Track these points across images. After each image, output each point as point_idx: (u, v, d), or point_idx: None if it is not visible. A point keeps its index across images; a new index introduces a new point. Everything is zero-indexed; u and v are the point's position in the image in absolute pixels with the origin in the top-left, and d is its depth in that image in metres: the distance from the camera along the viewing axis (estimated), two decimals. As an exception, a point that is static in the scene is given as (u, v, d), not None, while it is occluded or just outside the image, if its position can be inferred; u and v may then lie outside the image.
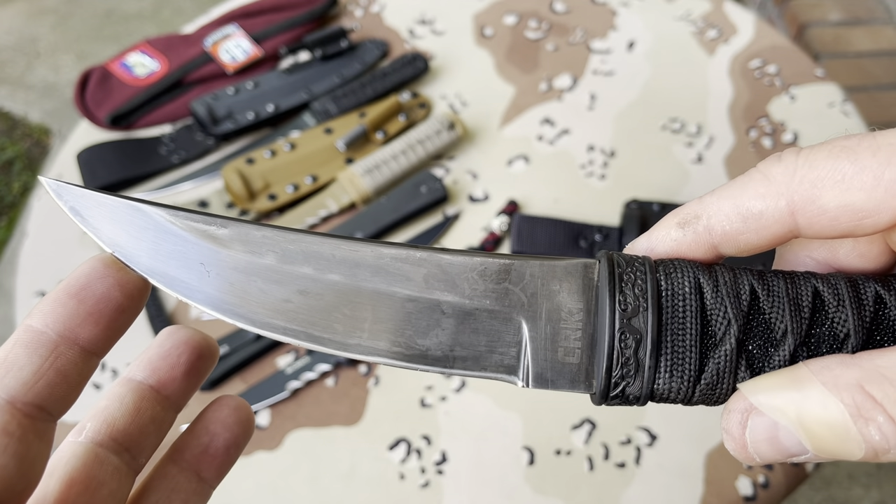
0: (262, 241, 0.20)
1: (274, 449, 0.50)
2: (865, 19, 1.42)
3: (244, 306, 0.20)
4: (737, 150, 0.65)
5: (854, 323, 0.19)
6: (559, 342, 0.19)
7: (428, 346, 0.20)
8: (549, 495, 0.47)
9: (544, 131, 0.67)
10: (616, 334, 0.19)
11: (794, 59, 0.72)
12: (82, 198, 0.20)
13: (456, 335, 0.20)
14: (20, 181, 1.55)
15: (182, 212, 0.20)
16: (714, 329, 0.19)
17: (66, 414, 0.19)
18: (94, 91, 0.69)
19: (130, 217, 0.20)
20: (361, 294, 0.20)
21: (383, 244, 0.20)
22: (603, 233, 0.58)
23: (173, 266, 0.20)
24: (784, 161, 0.19)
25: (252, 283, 0.20)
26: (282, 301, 0.20)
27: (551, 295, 0.20)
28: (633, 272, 0.19)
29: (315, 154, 0.63)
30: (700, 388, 0.19)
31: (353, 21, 0.77)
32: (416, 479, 0.48)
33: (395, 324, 0.20)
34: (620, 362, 0.19)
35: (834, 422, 0.17)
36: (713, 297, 0.19)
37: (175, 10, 1.85)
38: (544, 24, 0.75)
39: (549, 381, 0.20)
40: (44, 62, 1.76)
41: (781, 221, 0.19)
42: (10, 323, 1.30)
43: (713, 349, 0.19)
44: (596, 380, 0.19)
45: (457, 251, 0.20)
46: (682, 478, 0.47)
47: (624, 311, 0.19)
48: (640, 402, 0.19)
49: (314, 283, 0.20)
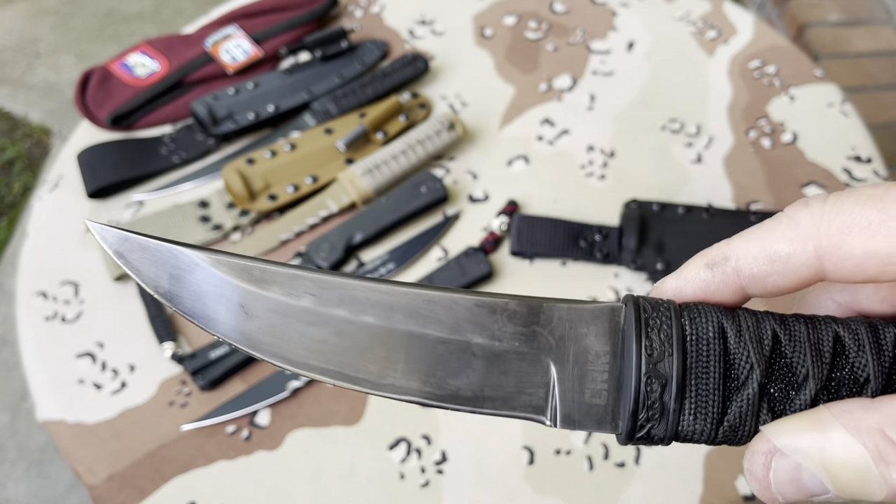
0: (299, 285, 0.21)
1: (274, 449, 0.50)
2: (865, 20, 1.42)
3: (283, 347, 0.20)
4: (736, 150, 0.65)
5: (874, 367, 0.19)
6: (586, 384, 0.20)
7: (459, 386, 0.20)
8: (549, 495, 0.47)
9: (544, 131, 0.67)
10: (642, 378, 0.19)
11: (794, 60, 0.72)
12: (126, 241, 0.21)
13: (486, 376, 0.20)
14: (21, 181, 1.55)
15: (223, 255, 0.21)
16: (737, 373, 0.19)
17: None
18: (94, 91, 0.69)
19: (173, 260, 0.21)
20: (395, 336, 0.20)
21: (416, 286, 0.21)
22: (603, 233, 0.58)
23: (213, 308, 0.21)
24: (811, 206, 0.19)
25: (290, 324, 0.20)
26: (318, 342, 0.20)
27: (579, 338, 0.20)
28: (658, 317, 0.20)
29: (315, 154, 0.64)
30: (723, 430, 0.19)
31: (354, 21, 0.77)
32: (417, 479, 0.48)
33: (427, 365, 0.20)
34: (646, 406, 0.19)
35: (856, 464, 0.17)
36: (736, 342, 0.19)
37: (175, 11, 1.85)
38: (544, 24, 0.75)
39: (577, 422, 0.20)
40: (44, 62, 1.76)
41: (808, 265, 0.19)
42: (11, 323, 1.30)
43: (736, 392, 0.19)
44: (622, 421, 0.20)
45: (487, 293, 0.21)
46: (681, 478, 0.48)
47: (650, 355, 0.19)
48: (664, 442, 0.20)
49: (349, 325, 0.20)
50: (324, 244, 0.58)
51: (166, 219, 0.61)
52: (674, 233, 0.57)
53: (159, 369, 0.54)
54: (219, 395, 0.52)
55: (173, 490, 0.49)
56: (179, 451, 0.50)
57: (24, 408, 1.24)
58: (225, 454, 0.50)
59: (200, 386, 0.52)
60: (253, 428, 0.51)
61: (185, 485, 0.49)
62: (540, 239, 0.58)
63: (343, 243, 0.58)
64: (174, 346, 0.54)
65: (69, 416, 0.52)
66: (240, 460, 0.50)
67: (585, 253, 0.57)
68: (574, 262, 0.58)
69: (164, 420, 0.51)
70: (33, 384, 0.54)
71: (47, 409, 0.53)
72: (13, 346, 1.27)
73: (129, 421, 0.52)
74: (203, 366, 0.52)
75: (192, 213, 0.61)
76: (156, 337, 0.55)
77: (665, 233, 0.57)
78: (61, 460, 1.18)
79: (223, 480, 0.49)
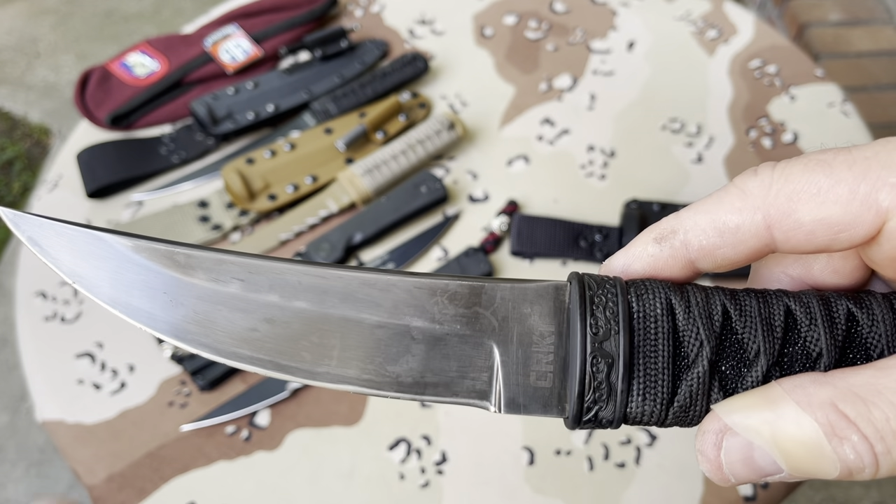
0: (226, 269, 0.20)
1: (274, 449, 0.50)
2: (865, 19, 1.42)
3: (209, 336, 0.19)
4: (736, 150, 0.65)
5: (826, 342, 0.19)
6: (531, 366, 0.19)
7: (398, 372, 0.19)
8: (549, 495, 0.47)
9: (544, 131, 0.67)
10: (588, 358, 0.19)
11: (794, 60, 0.72)
12: (40, 227, 0.20)
13: (427, 361, 0.19)
14: (20, 181, 1.55)
15: (144, 240, 0.20)
16: (686, 350, 0.19)
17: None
18: (94, 91, 0.69)
19: (90, 246, 0.20)
20: (329, 321, 0.19)
21: (350, 269, 0.20)
22: (603, 233, 0.58)
23: (136, 296, 0.20)
24: (760, 175, 0.19)
25: (217, 312, 0.19)
26: (248, 330, 0.19)
27: (522, 318, 0.20)
28: (604, 294, 0.19)
29: (315, 154, 0.63)
30: (673, 411, 0.19)
31: (353, 21, 0.77)
32: (416, 479, 0.48)
33: (364, 351, 0.19)
34: (593, 387, 0.19)
35: (808, 440, 0.17)
36: (685, 319, 0.19)
37: (175, 11, 1.85)
38: (544, 24, 0.75)
39: (522, 406, 0.19)
40: (44, 62, 1.76)
41: (758, 236, 0.19)
42: (11, 323, 1.30)
43: (686, 371, 0.19)
44: (569, 404, 0.19)
45: (426, 274, 0.20)
46: (681, 478, 0.47)
47: (595, 334, 0.19)
48: (613, 425, 0.19)
49: (281, 311, 0.19)
50: (324, 244, 0.58)
51: (166, 219, 0.61)
52: (674, 233, 0.56)
53: (159, 369, 0.54)
54: (218, 396, 0.52)
55: (173, 490, 0.49)
56: (179, 451, 0.50)
57: (24, 408, 1.24)
58: (224, 454, 0.50)
59: (200, 386, 0.52)
60: (252, 428, 0.51)
61: (185, 485, 0.49)
62: (540, 239, 0.58)
63: (343, 243, 0.58)
64: (174, 346, 0.54)
65: (69, 417, 0.52)
66: (239, 461, 0.50)
67: (586, 253, 0.57)
68: (574, 262, 0.58)
69: (163, 420, 0.51)
70: (33, 384, 0.54)
71: (47, 410, 0.52)
72: (13, 346, 1.27)
73: (129, 421, 0.51)
74: (202, 366, 0.52)
75: (192, 213, 0.61)
76: (155, 337, 0.55)
77: (665, 233, 0.57)
78: (61, 460, 1.18)
79: (223, 481, 0.49)
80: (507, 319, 0.20)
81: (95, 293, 0.20)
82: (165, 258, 0.20)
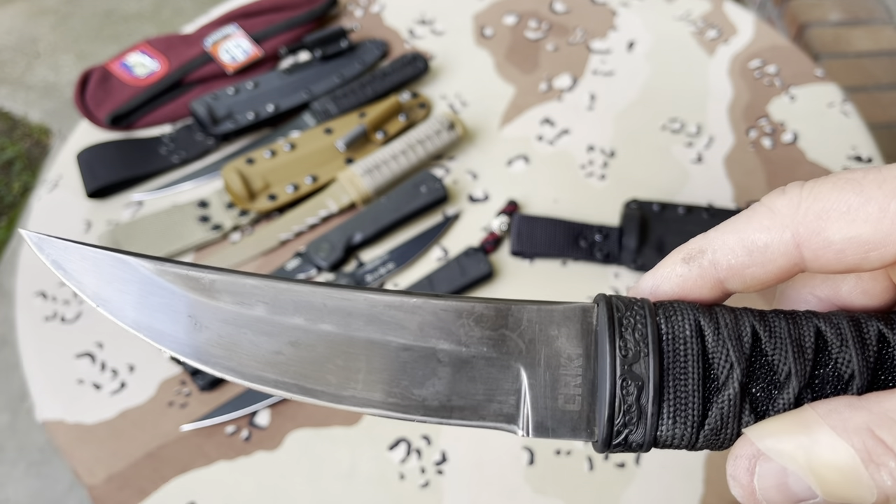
0: (251, 292, 0.19)
1: (274, 449, 0.50)
2: (865, 19, 1.42)
3: (234, 359, 0.19)
4: (736, 150, 0.65)
5: (858, 363, 0.18)
6: (559, 389, 0.19)
7: (425, 396, 0.19)
8: (549, 495, 0.47)
9: (544, 131, 0.67)
10: (617, 381, 0.18)
11: (794, 60, 0.72)
12: (65, 251, 0.20)
13: (453, 384, 0.19)
14: (20, 181, 1.55)
15: (169, 263, 0.20)
16: (716, 373, 0.18)
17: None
18: (94, 91, 0.69)
19: (114, 270, 0.20)
20: (355, 344, 0.19)
21: (376, 291, 0.20)
22: (603, 233, 0.58)
23: (160, 319, 0.19)
24: (788, 193, 0.18)
25: (242, 335, 0.19)
26: (273, 353, 0.19)
27: (550, 340, 0.19)
28: (632, 316, 0.19)
29: (315, 154, 0.63)
30: (704, 434, 0.18)
31: (353, 21, 0.77)
32: (416, 479, 0.48)
33: (390, 374, 0.19)
34: (622, 410, 0.18)
35: (844, 467, 0.16)
36: (714, 340, 0.18)
37: (175, 11, 1.85)
38: (544, 24, 0.75)
39: (550, 430, 0.19)
40: (44, 62, 1.76)
41: (787, 254, 0.18)
42: (11, 323, 1.30)
43: (716, 393, 0.18)
44: (598, 428, 0.19)
45: (452, 297, 0.20)
46: (682, 478, 0.47)
47: (625, 356, 0.18)
48: (643, 449, 0.19)
49: (306, 334, 0.19)
50: (323, 244, 0.58)
51: (166, 219, 0.61)
52: (674, 233, 0.56)
53: (159, 369, 0.54)
54: (218, 396, 0.52)
55: (173, 490, 0.49)
56: (179, 451, 0.50)
57: (24, 408, 1.24)
58: (224, 454, 0.50)
59: (200, 386, 0.52)
60: (252, 428, 0.51)
61: (185, 485, 0.49)
62: (540, 239, 0.58)
63: (343, 243, 0.58)
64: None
65: (69, 417, 0.52)
66: (239, 461, 0.50)
67: (586, 253, 0.57)
68: (574, 262, 0.58)
69: (163, 420, 0.51)
70: (33, 384, 0.54)
71: (47, 410, 0.52)
72: (13, 346, 1.27)
73: (129, 421, 0.51)
74: (203, 366, 0.52)
75: (192, 212, 0.61)
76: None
77: (665, 233, 0.57)
78: (61, 460, 1.18)
79: (223, 481, 0.49)
80: (534, 342, 0.19)
81: (120, 317, 0.19)
82: (189, 281, 0.20)
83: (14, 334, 0.58)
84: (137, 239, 0.59)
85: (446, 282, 0.56)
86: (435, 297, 0.20)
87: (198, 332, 0.19)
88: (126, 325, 0.19)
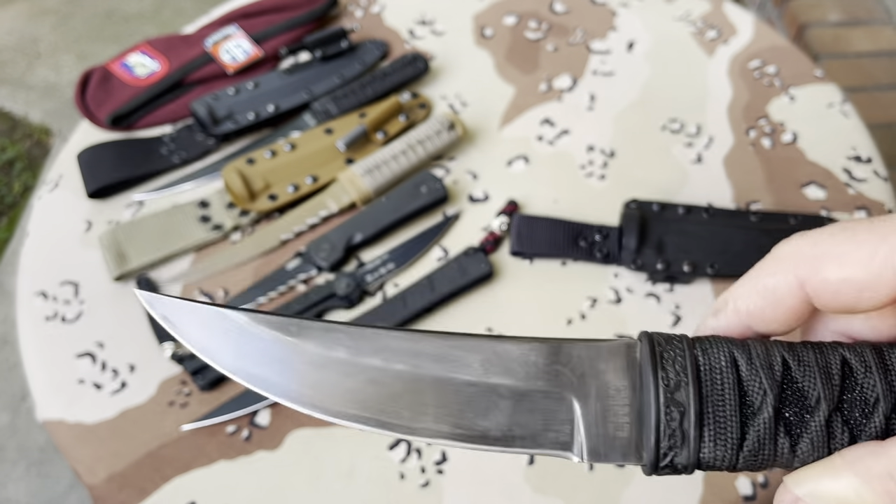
0: (333, 338, 0.22)
1: (274, 449, 0.50)
2: (865, 20, 1.42)
3: (319, 398, 0.21)
4: (736, 150, 0.65)
5: (882, 388, 0.20)
6: (609, 418, 0.21)
7: (488, 427, 0.21)
8: (549, 495, 0.47)
9: (544, 132, 0.67)
10: (661, 408, 0.20)
11: (794, 60, 0.72)
12: (173, 306, 0.23)
13: (513, 416, 0.21)
14: (21, 181, 1.55)
15: (262, 314, 0.22)
16: (751, 399, 0.20)
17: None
18: (94, 91, 0.69)
19: (216, 322, 0.22)
20: (424, 381, 0.21)
21: (442, 335, 0.22)
22: (602, 233, 0.58)
23: (254, 364, 0.22)
24: (791, 241, 0.21)
25: (326, 376, 0.22)
26: (353, 391, 0.21)
27: (598, 374, 0.21)
28: (672, 349, 0.21)
29: (315, 154, 0.64)
30: (743, 455, 0.20)
31: (354, 21, 0.77)
32: (417, 479, 0.48)
33: (456, 408, 0.21)
34: (667, 434, 0.20)
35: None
36: (748, 369, 0.20)
37: (175, 11, 1.85)
38: (544, 24, 0.75)
39: (603, 455, 0.21)
40: (44, 62, 1.76)
41: (794, 294, 0.21)
42: (11, 322, 1.30)
43: (752, 418, 0.20)
44: (646, 452, 0.21)
45: (509, 338, 0.22)
46: (681, 478, 0.48)
47: (667, 385, 0.20)
48: (688, 471, 0.21)
49: (382, 374, 0.21)
50: (324, 244, 0.58)
51: (166, 219, 0.61)
52: (674, 233, 0.57)
53: (159, 369, 0.54)
54: (219, 395, 0.52)
55: (173, 490, 0.49)
56: (180, 450, 0.50)
57: (24, 408, 1.25)
58: (225, 454, 0.50)
59: (200, 386, 0.52)
60: (253, 428, 0.51)
61: (186, 485, 0.49)
62: (540, 239, 0.58)
63: (343, 243, 0.58)
64: (174, 346, 0.54)
65: (69, 416, 0.52)
66: (240, 460, 0.50)
67: (585, 253, 0.57)
68: (574, 262, 0.58)
69: (164, 420, 0.51)
70: (33, 384, 0.54)
71: (47, 409, 0.53)
72: (13, 345, 1.27)
73: (130, 421, 0.52)
74: (203, 366, 0.52)
75: (193, 213, 0.61)
76: (156, 337, 0.55)
77: (665, 233, 0.57)
78: (61, 460, 1.18)
79: (223, 480, 0.49)
80: (584, 376, 0.21)
81: (220, 363, 0.22)
82: (280, 329, 0.22)
83: (15, 334, 0.58)
84: (138, 239, 0.59)
85: (447, 282, 0.56)
86: (494, 339, 0.22)
87: (288, 375, 0.22)
88: (226, 371, 0.22)
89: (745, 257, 0.56)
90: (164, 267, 0.59)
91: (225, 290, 0.58)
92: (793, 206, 0.61)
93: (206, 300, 0.23)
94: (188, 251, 0.60)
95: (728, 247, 0.56)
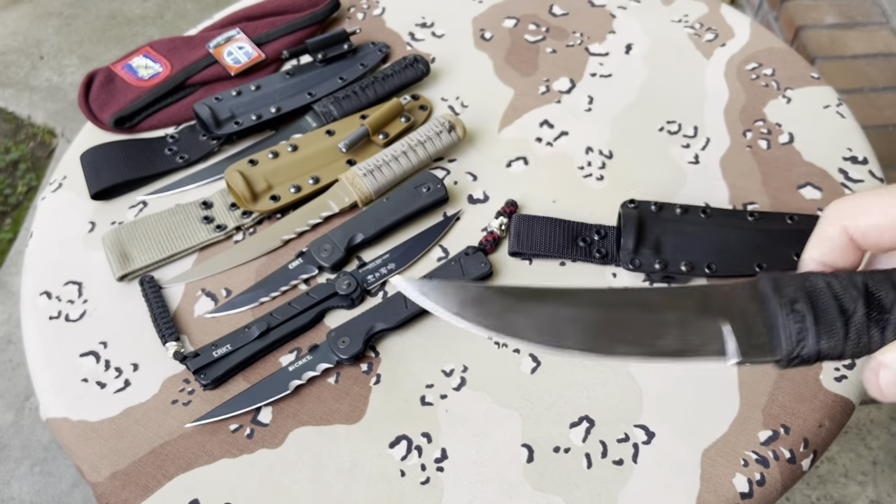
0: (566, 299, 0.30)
1: (276, 446, 0.51)
2: (861, 22, 1.43)
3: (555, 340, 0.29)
4: (732, 151, 0.66)
5: None
6: (752, 329, 0.29)
7: (664, 346, 0.29)
8: (548, 492, 0.48)
9: (543, 133, 0.67)
10: (788, 317, 0.28)
11: (790, 62, 0.72)
12: (434, 289, 0.30)
13: (682, 336, 0.29)
14: (25, 182, 1.56)
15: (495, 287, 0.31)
16: (846, 305, 0.28)
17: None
18: (98, 93, 0.69)
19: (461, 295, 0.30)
20: (621, 317, 0.30)
21: (623, 290, 0.31)
22: (601, 233, 0.59)
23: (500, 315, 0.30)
24: (835, 203, 0.31)
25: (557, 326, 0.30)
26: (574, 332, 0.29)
27: (738, 302, 0.30)
28: (787, 280, 0.29)
29: (317, 155, 0.64)
30: (849, 345, 0.28)
31: (355, 24, 0.78)
32: (417, 476, 0.49)
33: (641, 335, 0.29)
34: (794, 334, 0.28)
35: None
36: (841, 287, 0.29)
37: (178, 14, 1.86)
38: (543, 27, 0.76)
39: (750, 358, 0.29)
40: (48, 64, 1.77)
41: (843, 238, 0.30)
42: (15, 322, 1.31)
43: (850, 318, 0.28)
44: (781, 349, 0.29)
45: (670, 288, 0.31)
46: (678, 475, 0.48)
47: (789, 301, 0.29)
48: (810, 362, 0.29)
49: (595, 314, 0.30)
50: (325, 244, 0.58)
51: (169, 219, 0.62)
52: (671, 233, 0.57)
53: (162, 368, 0.54)
54: (222, 394, 0.53)
55: (176, 487, 0.49)
56: (182, 448, 0.51)
57: (29, 406, 1.25)
58: (228, 452, 0.50)
59: (203, 384, 0.52)
60: (255, 426, 0.51)
61: (188, 482, 0.49)
62: (539, 239, 0.58)
63: (344, 243, 0.58)
64: (177, 345, 0.54)
65: (73, 415, 0.53)
66: (242, 458, 0.50)
67: (584, 253, 0.58)
68: (573, 262, 0.59)
69: (167, 418, 0.52)
70: (37, 383, 0.55)
71: (51, 408, 0.53)
72: (18, 345, 1.28)
73: (133, 419, 0.52)
74: (206, 364, 0.53)
75: (195, 213, 0.62)
76: (159, 336, 0.55)
77: (663, 233, 0.57)
78: (65, 458, 1.19)
79: (226, 478, 0.50)
80: (727, 305, 0.29)
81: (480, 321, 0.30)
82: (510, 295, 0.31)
83: (19, 333, 0.59)
84: (141, 239, 0.60)
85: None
86: (660, 290, 0.31)
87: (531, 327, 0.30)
88: (488, 330, 0.29)
89: (743, 257, 0.56)
90: (168, 267, 0.60)
91: (228, 290, 0.58)
92: (789, 207, 0.61)
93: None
94: (191, 251, 0.61)
95: (725, 247, 0.56)
